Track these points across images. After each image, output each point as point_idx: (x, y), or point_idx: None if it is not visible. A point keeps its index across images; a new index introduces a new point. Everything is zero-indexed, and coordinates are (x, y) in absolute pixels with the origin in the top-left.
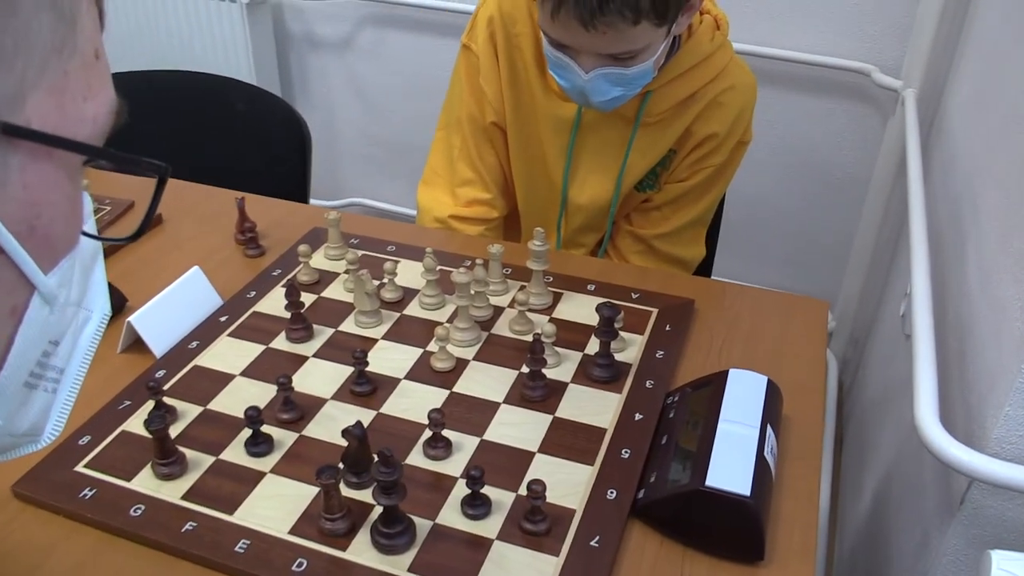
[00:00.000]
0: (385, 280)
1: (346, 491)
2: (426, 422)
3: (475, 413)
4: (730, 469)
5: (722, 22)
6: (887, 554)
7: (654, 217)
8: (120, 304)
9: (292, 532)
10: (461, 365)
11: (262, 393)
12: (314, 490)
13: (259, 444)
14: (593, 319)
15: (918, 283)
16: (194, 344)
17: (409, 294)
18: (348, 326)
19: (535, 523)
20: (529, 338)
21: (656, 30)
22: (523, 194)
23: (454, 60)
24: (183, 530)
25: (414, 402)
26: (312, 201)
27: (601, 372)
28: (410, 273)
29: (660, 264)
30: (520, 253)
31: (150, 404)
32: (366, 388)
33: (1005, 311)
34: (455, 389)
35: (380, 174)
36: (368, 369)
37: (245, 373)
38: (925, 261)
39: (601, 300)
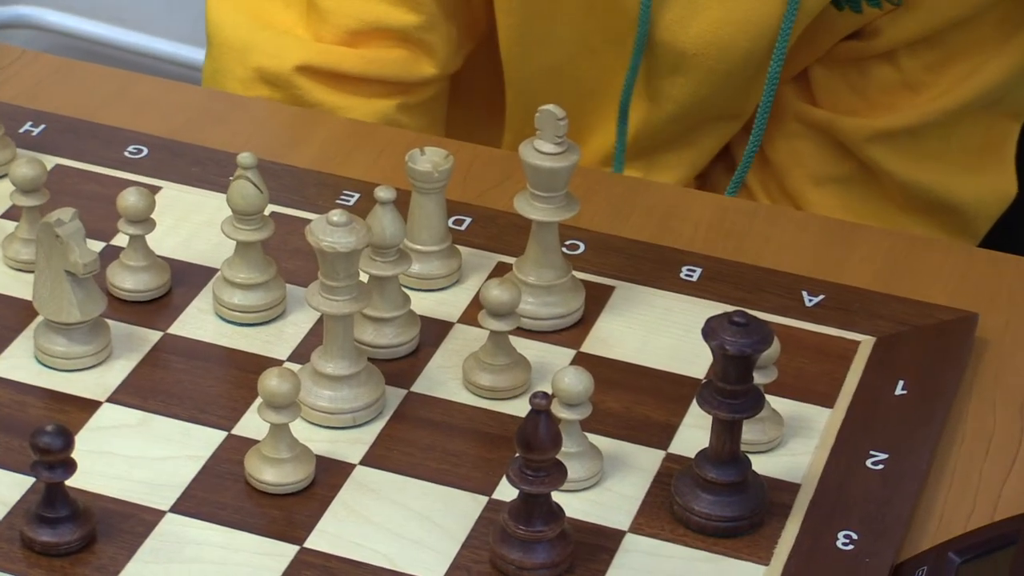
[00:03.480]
0: (123, 240)
1: None
2: None
3: None
4: None
5: None
6: None
7: (878, 80)
8: None
9: None
10: (333, 475)
11: None
12: None
13: None
14: (694, 360)
15: None
16: None
17: (187, 276)
18: (18, 361)
19: None
20: (517, 407)
21: None
22: (518, 19)
23: None
24: None
25: (208, 573)
26: None
27: (715, 504)
28: (191, 221)
29: (889, 212)
30: (499, 170)
31: None
32: (71, 532)
33: None
34: (310, 543)
35: None
36: (73, 482)
37: None
38: None
39: (721, 308)
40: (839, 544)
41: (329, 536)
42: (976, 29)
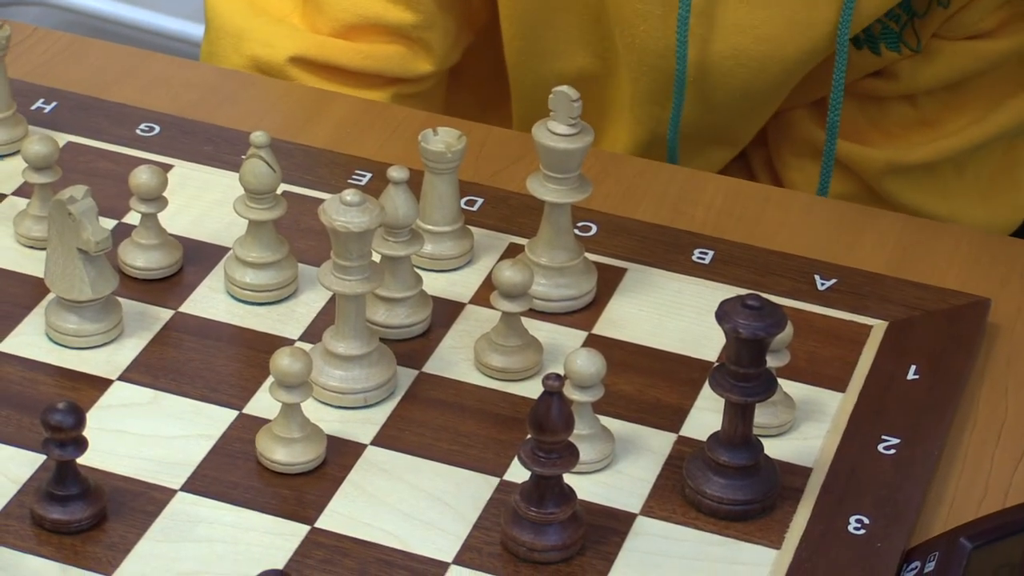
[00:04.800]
0: (134, 219)
1: None
2: None
3: None
4: None
5: None
6: None
7: (896, 115)
8: None
9: None
10: (344, 455)
11: None
12: None
13: None
14: (706, 343)
15: None
16: None
17: (199, 254)
18: (30, 338)
19: None
20: (529, 388)
21: None
22: (519, 31)
23: None
24: None
25: (219, 552)
26: None
27: (727, 487)
28: (203, 200)
29: None
30: (511, 151)
31: None
32: (81, 510)
33: None
34: (321, 523)
35: None
36: (83, 460)
37: None
38: None
39: (733, 291)
40: (851, 528)
41: (340, 516)
42: (995, 74)
